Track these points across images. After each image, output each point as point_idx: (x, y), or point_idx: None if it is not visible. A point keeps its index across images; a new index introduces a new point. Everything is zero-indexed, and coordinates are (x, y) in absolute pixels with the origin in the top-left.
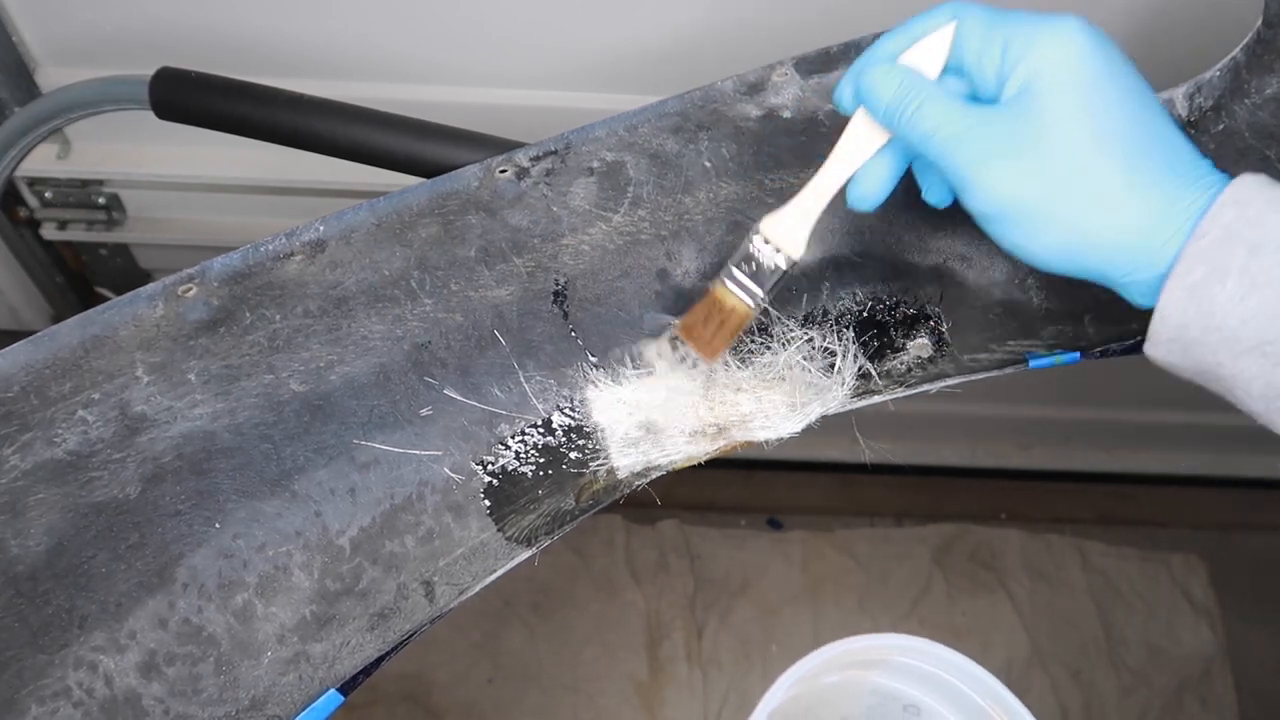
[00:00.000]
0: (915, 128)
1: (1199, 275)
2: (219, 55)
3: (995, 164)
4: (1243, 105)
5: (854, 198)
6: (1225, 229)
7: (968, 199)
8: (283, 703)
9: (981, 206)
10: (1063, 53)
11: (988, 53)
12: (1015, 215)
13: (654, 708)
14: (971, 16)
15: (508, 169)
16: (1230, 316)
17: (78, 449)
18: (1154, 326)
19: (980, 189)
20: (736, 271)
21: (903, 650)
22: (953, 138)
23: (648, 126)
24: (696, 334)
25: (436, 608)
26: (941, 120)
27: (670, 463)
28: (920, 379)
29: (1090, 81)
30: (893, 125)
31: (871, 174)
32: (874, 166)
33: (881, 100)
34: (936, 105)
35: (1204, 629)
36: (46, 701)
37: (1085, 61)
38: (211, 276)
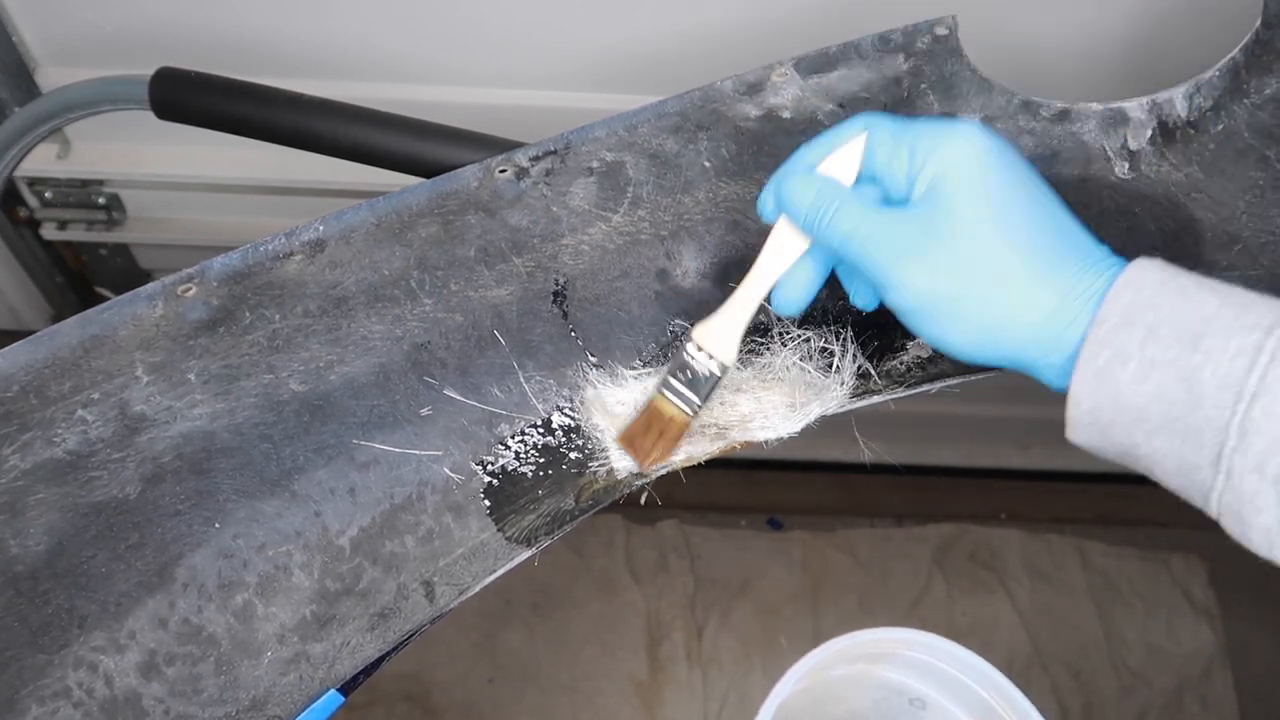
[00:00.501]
0: (833, 231)
1: (1103, 360)
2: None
3: (909, 261)
4: (1242, 105)
5: (778, 304)
6: (1123, 314)
7: (887, 296)
8: (283, 703)
9: (900, 302)
10: (962, 154)
11: (896, 158)
12: (931, 309)
13: (654, 708)
14: (880, 125)
15: (507, 169)
16: (1136, 397)
17: (77, 449)
18: (1070, 412)
19: (897, 286)
20: (673, 381)
21: (909, 644)
22: (868, 238)
23: (647, 126)
24: (637, 444)
25: (436, 608)
26: (857, 223)
27: (670, 463)
28: (920, 379)
29: (989, 179)
30: (812, 230)
31: (794, 281)
32: (797, 274)
33: (801, 207)
34: (851, 209)
35: (1204, 629)
36: (47, 701)
37: (984, 161)
38: (211, 276)
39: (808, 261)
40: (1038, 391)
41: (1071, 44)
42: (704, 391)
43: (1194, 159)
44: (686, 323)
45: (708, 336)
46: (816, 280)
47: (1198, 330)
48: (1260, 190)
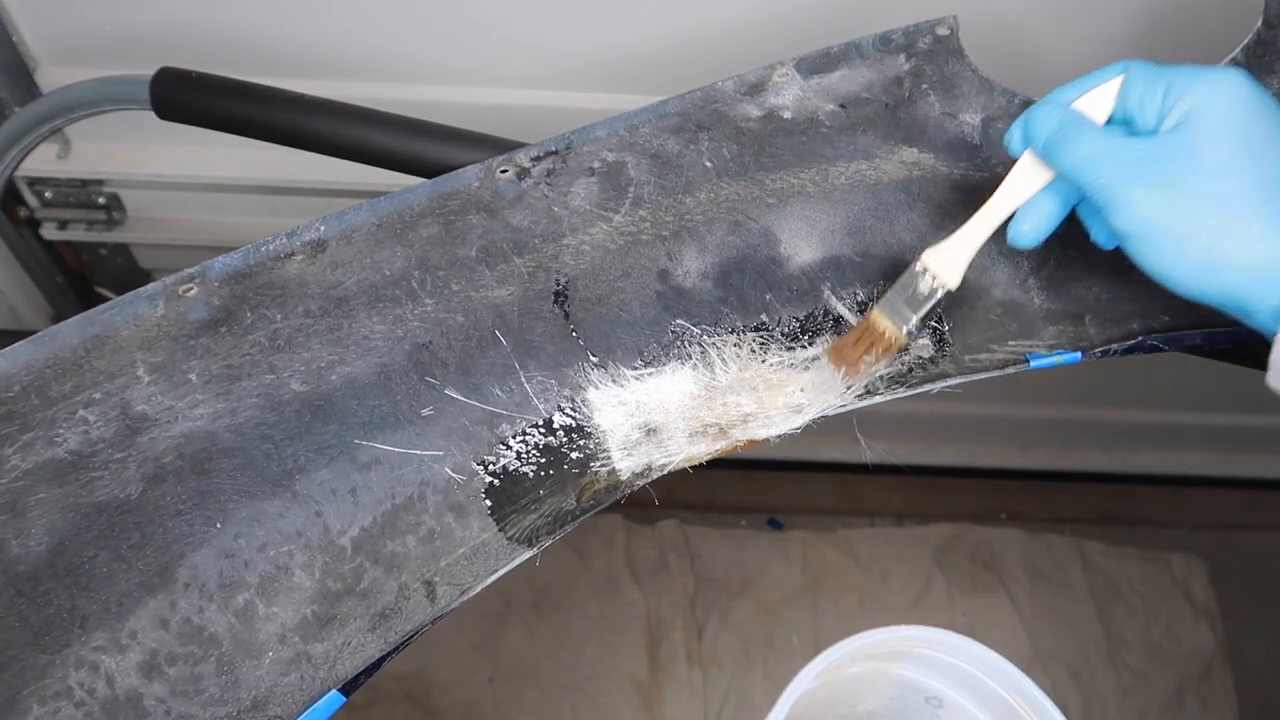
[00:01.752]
0: (1072, 154)
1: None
2: (219, 55)
3: (1142, 184)
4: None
5: (1014, 235)
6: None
7: (1113, 217)
8: (284, 703)
9: (1125, 225)
10: (1221, 93)
11: (1150, 96)
12: (1157, 235)
13: (654, 708)
14: (1140, 66)
15: (509, 169)
16: None
17: (79, 449)
18: (1274, 356)
19: (1124, 208)
20: (894, 298)
21: (927, 643)
22: (1104, 160)
23: (649, 127)
24: (847, 355)
25: (438, 608)
26: (1094, 146)
27: (671, 463)
28: (921, 379)
29: (1243, 117)
30: (1052, 155)
31: (1033, 212)
32: (1036, 206)
33: (1044, 133)
34: (1090, 134)
35: (1204, 629)
36: (48, 701)
37: (1240, 102)
38: (212, 276)
39: (1049, 196)
40: (1038, 391)
41: (1072, 44)
42: (921, 309)
43: None
44: (688, 323)
45: (935, 258)
46: (1056, 215)
47: None
48: None
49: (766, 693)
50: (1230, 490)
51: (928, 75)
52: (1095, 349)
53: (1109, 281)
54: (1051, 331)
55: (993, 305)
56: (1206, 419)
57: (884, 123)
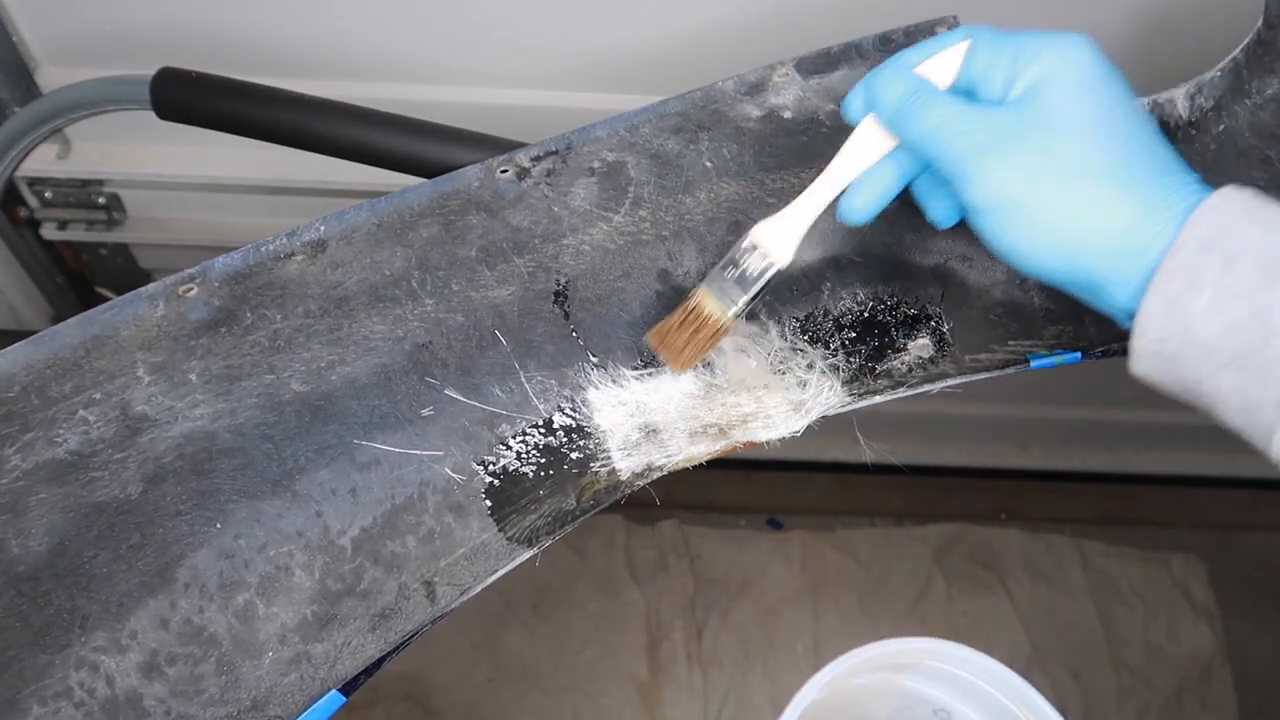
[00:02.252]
0: (920, 123)
1: (1176, 288)
2: (219, 55)
3: (995, 155)
4: (1243, 106)
5: (845, 209)
6: (1201, 240)
7: (965, 190)
8: (284, 703)
9: (977, 198)
10: (1066, 60)
11: (996, 63)
12: (1007, 209)
13: (654, 708)
14: (985, 31)
15: (509, 169)
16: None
17: (79, 449)
18: (1134, 341)
19: (978, 180)
20: (720, 275)
21: (934, 654)
22: (954, 131)
23: (649, 127)
24: (669, 340)
25: (438, 608)
26: (945, 116)
27: (672, 463)
28: (921, 379)
29: (1090, 88)
30: (898, 124)
31: (867, 185)
32: (871, 178)
33: (889, 101)
34: (941, 101)
35: (1204, 629)
36: (48, 702)
37: (1087, 70)
38: (212, 276)
39: (887, 167)
40: (1038, 391)
41: None
42: (751, 290)
43: (1195, 159)
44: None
45: (766, 234)
46: (892, 188)
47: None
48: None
49: (766, 693)
50: (1230, 490)
51: None
52: (1095, 349)
53: None
54: (1051, 331)
55: (993, 305)
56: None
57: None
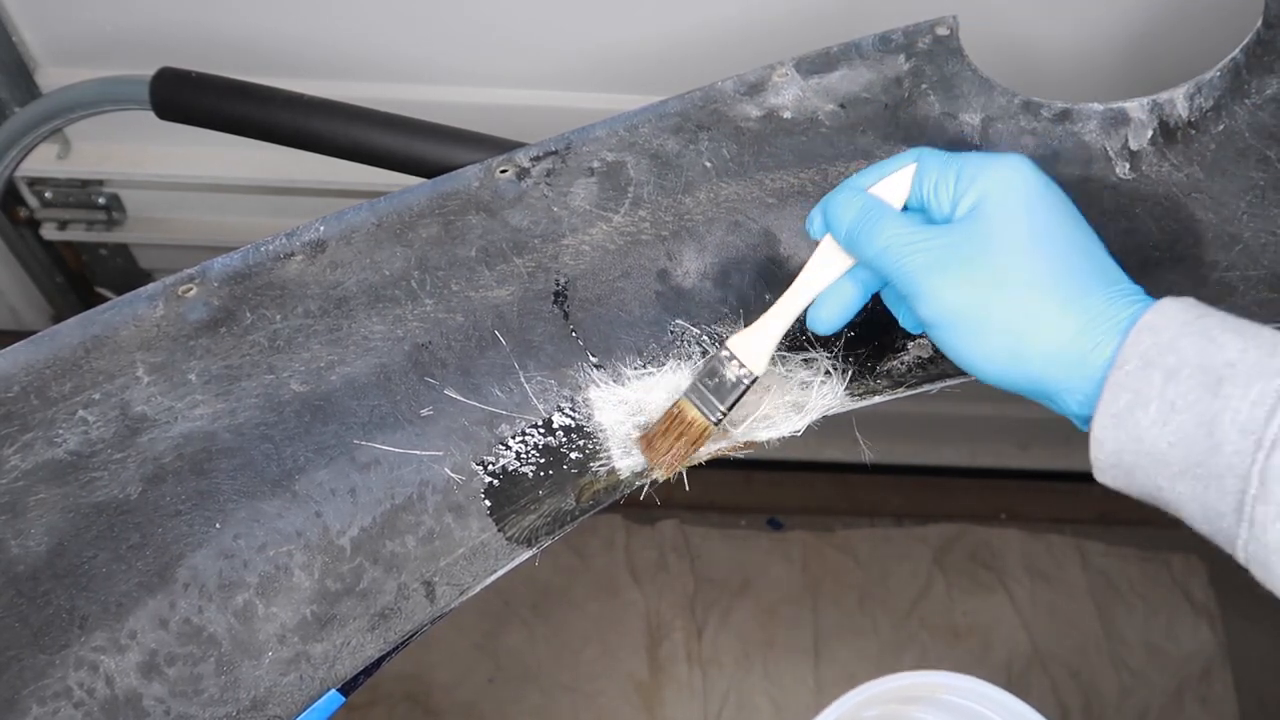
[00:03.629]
0: (871, 243)
1: (1123, 403)
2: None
3: (943, 272)
4: (1243, 105)
5: (813, 321)
6: (1142, 357)
7: (918, 307)
8: (284, 703)
9: (928, 314)
10: (1007, 178)
11: (943, 182)
12: (958, 323)
13: (654, 708)
14: (931, 154)
15: (508, 169)
16: (1158, 441)
17: (78, 449)
18: (1093, 454)
19: (927, 297)
20: (701, 387)
21: (947, 688)
22: (904, 251)
23: (648, 127)
24: (656, 445)
25: (437, 608)
26: (894, 235)
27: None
28: (920, 379)
29: (1031, 203)
30: (853, 244)
31: (833, 299)
32: (836, 293)
33: (844, 221)
34: (891, 222)
35: (1204, 629)
36: (48, 701)
37: (1027, 186)
38: (212, 277)
39: (849, 282)
40: None
41: (1072, 44)
42: (729, 399)
43: (1195, 159)
44: (688, 323)
45: (741, 345)
46: (855, 302)
47: (1219, 374)
48: (1261, 190)
49: (766, 693)
50: None
51: (927, 75)
52: None
53: None
54: None
55: None
56: None
57: (884, 123)
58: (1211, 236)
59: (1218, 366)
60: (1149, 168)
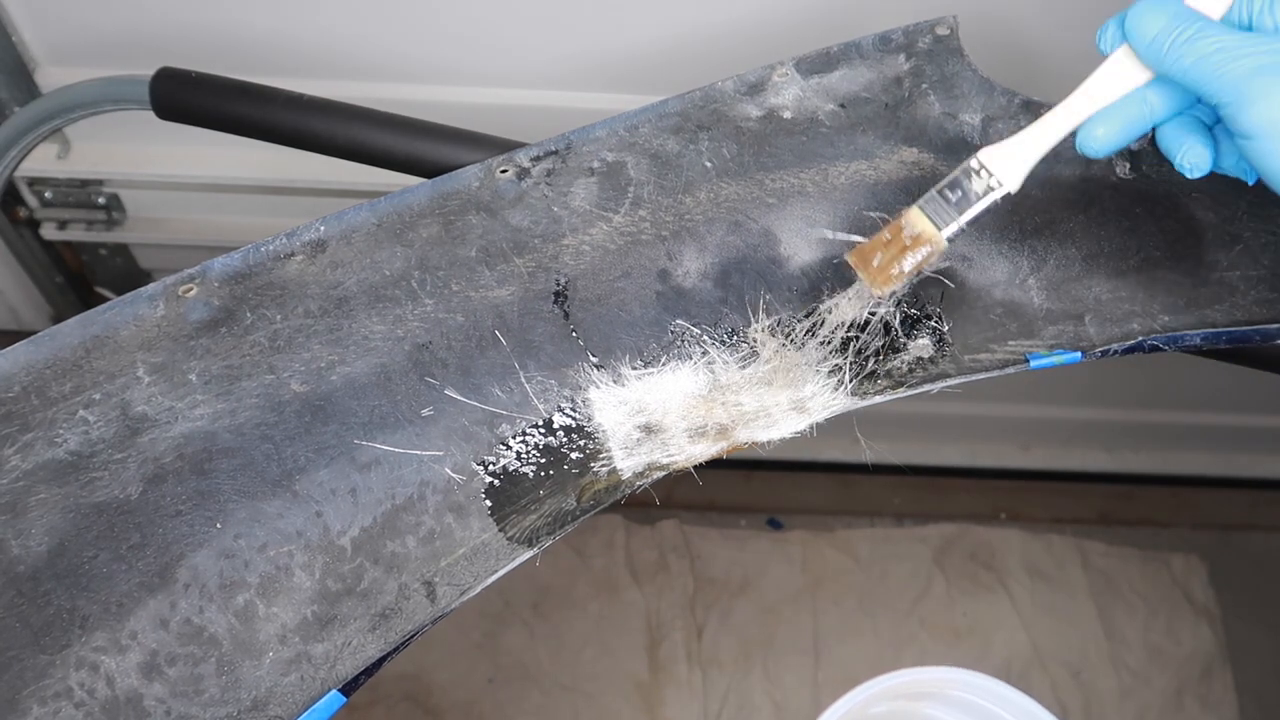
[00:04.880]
0: (1188, 52)
1: None
2: (219, 55)
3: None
4: None
5: (1084, 139)
6: None
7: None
8: (284, 703)
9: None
10: None
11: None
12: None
13: (654, 708)
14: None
15: (508, 169)
16: None
17: (79, 449)
18: None
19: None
20: (938, 195)
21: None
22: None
23: (648, 127)
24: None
25: (438, 608)
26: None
27: (672, 463)
28: (921, 379)
29: None
30: (1160, 55)
31: (1113, 117)
32: (1119, 110)
33: (1151, 30)
34: (1214, 29)
35: (1204, 629)
36: (48, 702)
37: None
38: (212, 276)
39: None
40: (1038, 391)
41: (1073, 44)
42: (972, 213)
43: None
44: (688, 323)
45: (995, 155)
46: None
47: None
48: (1261, 190)
49: (767, 693)
50: (1230, 490)
51: (928, 75)
52: (1095, 349)
53: (1109, 281)
54: (1051, 331)
55: (993, 305)
56: (1206, 419)
57: (884, 123)
58: (1212, 236)
59: None
60: (1149, 167)
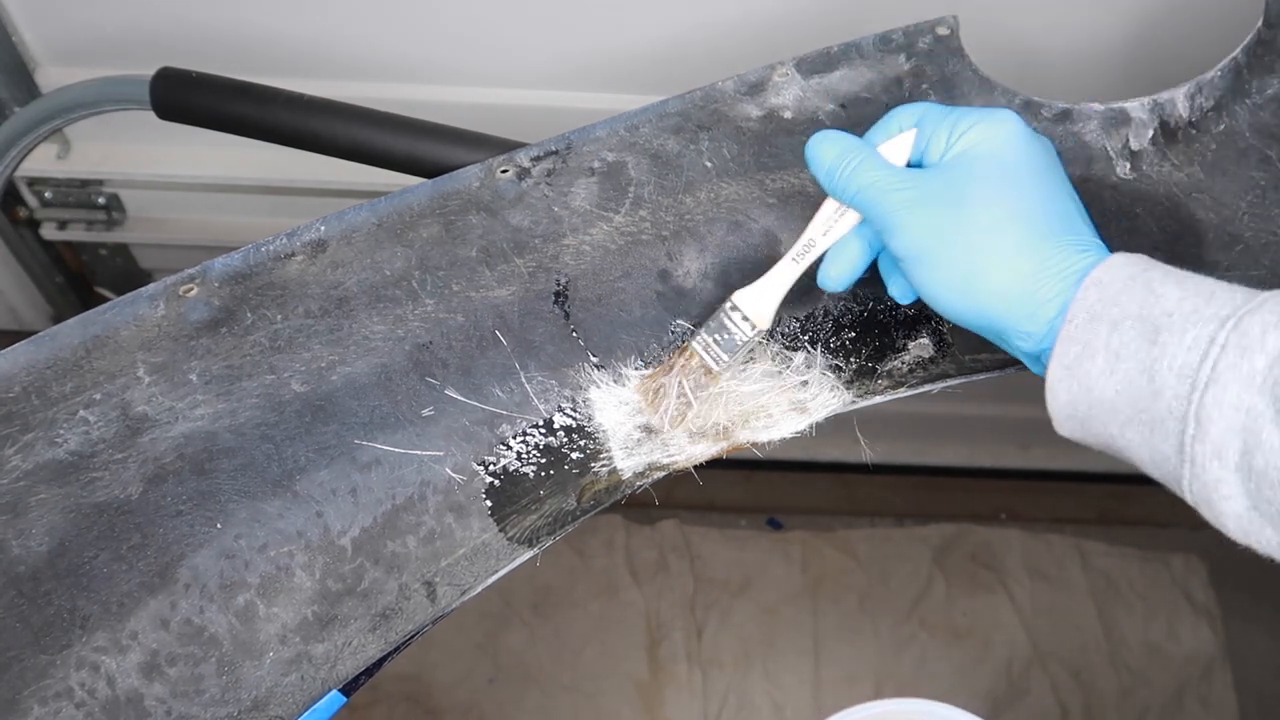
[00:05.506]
0: (853, 182)
1: (1073, 355)
2: (219, 55)
3: (915, 208)
4: (1243, 105)
5: (822, 278)
6: (1089, 311)
7: (891, 241)
8: (285, 703)
9: (900, 246)
10: (996, 130)
11: (938, 135)
12: (924, 254)
13: (654, 708)
14: (933, 110)
15: (509, 169)
16: (1106, 389)
17: (79, 449)
18: (1050, 405)
19: (899, 230)
20: (707, 339)
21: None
22: (884, 188)
23: (649, 127)
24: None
25: (438, 608)
26: (875, 175)
27: (673, 463)
28: (921, 379)
29: (1010, 152)
30: (832, 185)
31: (840, 257)
32: (843, 250)
33: (825, 162)
34: (873, 162)
35: (1204, 629)
36: (49, 702)
37: (1011, 136)
38: (213, 276)
39: (856, 238)
40: (1038, 391)
41: (1073, 44)
42: (736, 352)
43: (1195, 159)
44: (688, 323)
45: (747, 300)
46: (861, 259)
47: (1157, 323)
48: (1262, 190)
49: (766, 693)
50: None
51: (928, 75)
52: None
53: None
54: None
55: None
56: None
57: None
58: (1212, 236)
59: (1156, 316)
60: (1150, 168)
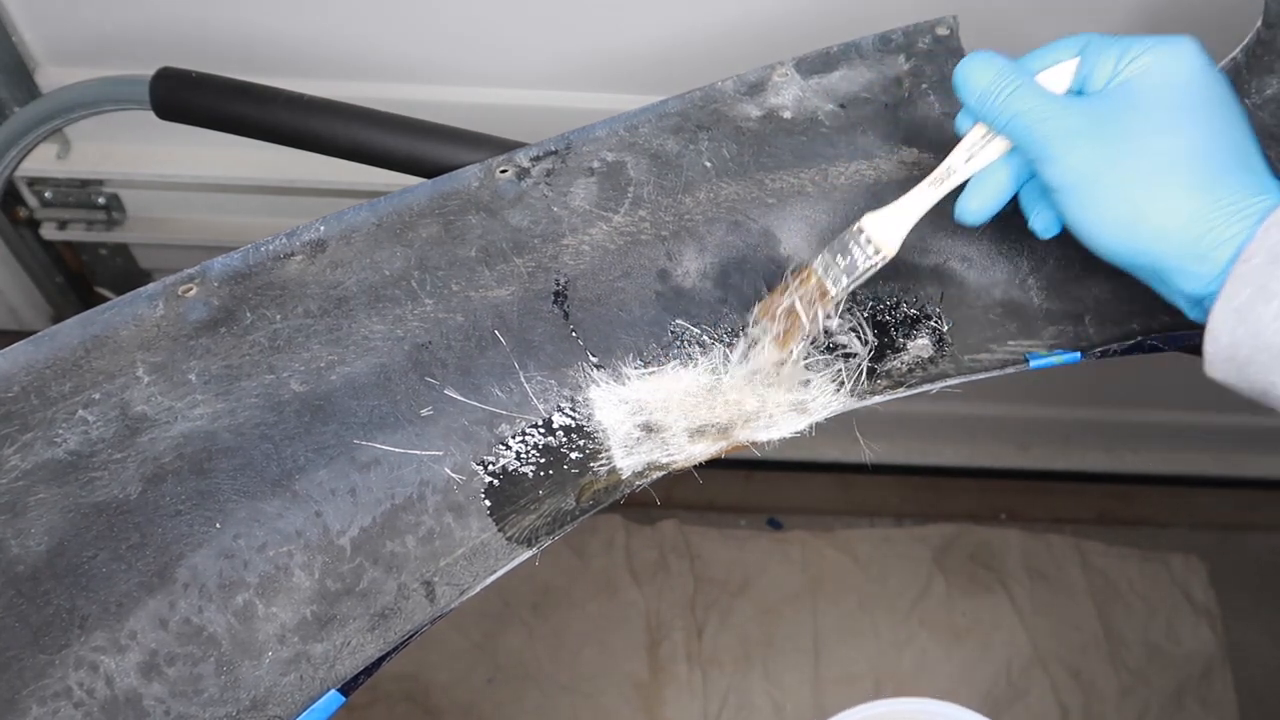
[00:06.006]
0: (1006, 109)
1: (1245, 297)
2: (219, 55)
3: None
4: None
5: (961, 210)
6: (1269, 251)
7: (1046, 170)
8: (284, 703)
9: (1056, 177)
10: (1172, 57)
11: (1103, 61)
12: (1081, 188)
13: (654, 708)
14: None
15: (508, 169)
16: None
17: (78, 449)
18: (1207, 348)
19: (1056, 159)
20: (829, 257)
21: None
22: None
23: (648, 127)
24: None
25: (437, 608)
26: (1033, 102)
27: (672, 463)
28: (921, 379)
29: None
30: (985, 111)
31: (983, 186)
32: (987, 177)
33: (977, 87)
34: (1029, 89)
35: (1204, 629)
36: (48, 702)
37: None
38: (212, 276)
39: (1002, 168)
40: (1038, 391)
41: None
42: (857, 276)
43: None
44: (688, 323)
45: (875, 225)
46: (1006, 191)
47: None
48: None
49: (766, 693)
50: (1230, 490)
51: (927, 75)
52: (1095, 349)
53: (1109, 281)
54: (1051, 331)
55: (992, 305)
56: (1206, 419)
57: (884, 123)
58: None
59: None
60: None
